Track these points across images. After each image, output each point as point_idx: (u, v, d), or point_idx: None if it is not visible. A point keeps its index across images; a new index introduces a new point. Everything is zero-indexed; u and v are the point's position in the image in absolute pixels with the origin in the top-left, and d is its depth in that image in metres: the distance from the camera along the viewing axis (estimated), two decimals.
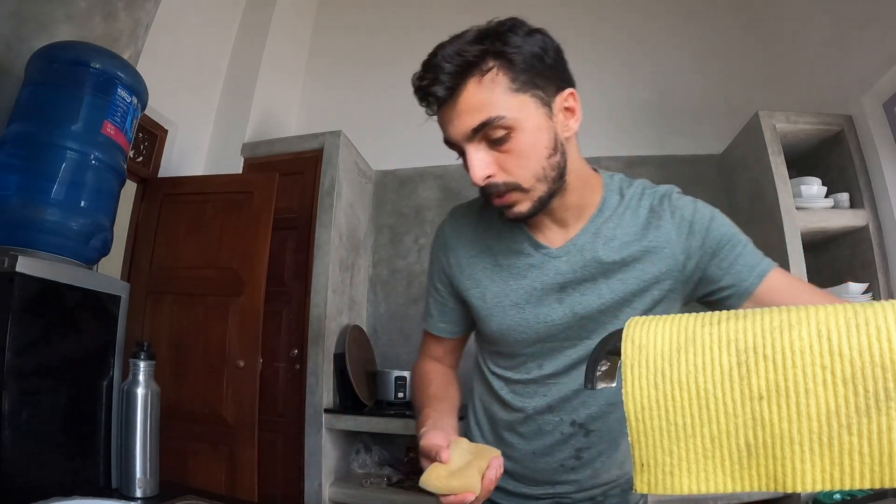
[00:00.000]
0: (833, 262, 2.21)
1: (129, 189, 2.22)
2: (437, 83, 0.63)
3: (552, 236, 0.75)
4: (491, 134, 0.63)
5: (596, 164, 0.79)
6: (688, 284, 0.73)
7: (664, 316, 0.46)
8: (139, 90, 1.38)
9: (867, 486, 0.36)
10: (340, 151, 2.40)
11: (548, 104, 0.66)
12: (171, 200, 2.24)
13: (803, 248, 1.97)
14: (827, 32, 2.19)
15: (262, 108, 2.75)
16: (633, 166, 2.61)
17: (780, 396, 0.39)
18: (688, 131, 2.63)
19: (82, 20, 1.49)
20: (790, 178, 2.03)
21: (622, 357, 0.44)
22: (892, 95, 1.90)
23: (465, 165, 0.67)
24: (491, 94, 0.63)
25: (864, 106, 2.00)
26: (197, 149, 2.58)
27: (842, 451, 0.37)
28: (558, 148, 0.67)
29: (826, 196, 2.04)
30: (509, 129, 0.63)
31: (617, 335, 0.46)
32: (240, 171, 2.57)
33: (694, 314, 0.45)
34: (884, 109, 1.95)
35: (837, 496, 1.64)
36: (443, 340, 0.87)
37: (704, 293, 0.73)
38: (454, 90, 0.63)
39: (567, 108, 0.68)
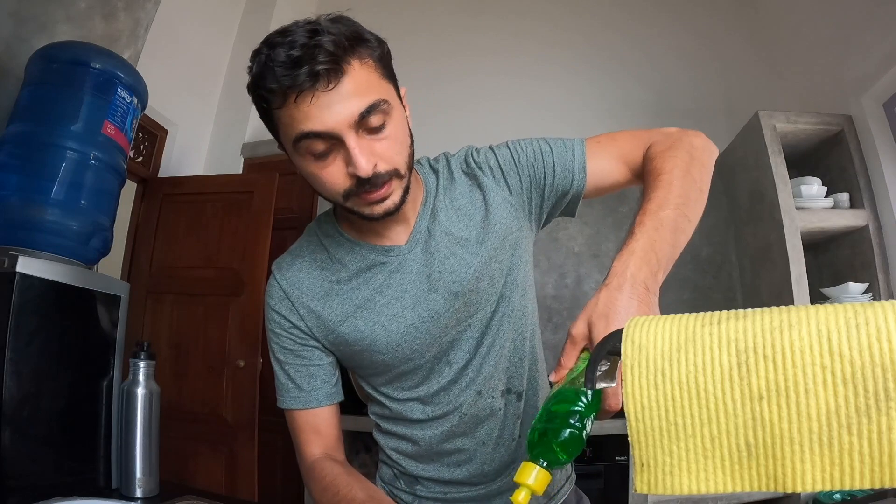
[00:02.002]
0: (833, 262, 2.21)
1: (129, 189, 2.22)
2: (316, 60, 0.54)
3: (394, 236, 0.72)
4: (371, 121, 0.58)
5: None
6: (532, 215, 0.75)
7: (664, 316, 0.46)
8: (139, 90, 1.38)
9: (867, 486, 0.36)
10: None
11: (398, 94, 0.65)
12: (171, 200, 2.24)
13: (803, 248, 1.97)
14: (827, 32, 2.19)
15: None
16: None
17: (780, 396, 0.39)
18: None
19: (82, 20, 1.49)
20: (790, 178, 2.03)
21: (622, 357, 0.44)
22: (892, 95, 1.90)
23: (307, 169, 0.61)
24: (370, 77, 0.59)
25: (864, 106, 2.00)
26: (197, 149, 2.58)
27: (842, 451, 0.37)
28: (412, 137, 0.67)
29: (826, 196, 2.04)
30: (387, 116, 0.60)
31: (617, 335, 0.46)
32: (240, 171, 2.57)
33: (694, 314, 0.44)
34: (884, 109, 1.95)
35: (837, 496, 1.64)
36: (321, 413, 0.74)
37: (550, 211, 0.75)
38: (339, 69, 0.56)
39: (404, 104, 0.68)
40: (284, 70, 0.55)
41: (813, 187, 2.03)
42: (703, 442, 0.41)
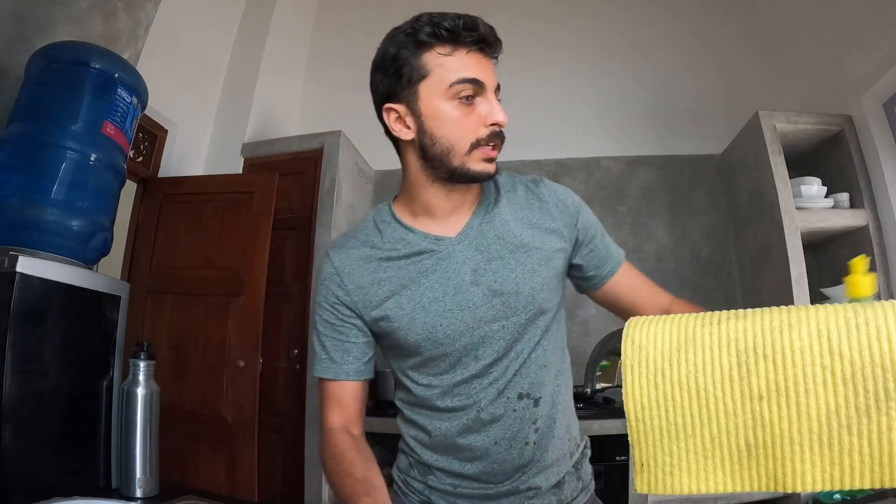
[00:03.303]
0: (833, 262, 2.21)
1: (129, 189, 2.22)
2: (487, 32, 0.71)
3: (447, 228, 0.78)
4: (498, 94, 0.74)
5: (596, 164, 0.80)
6: (570, 256, 0.82)
7: (664, 316, 0.46)
8: (139, 90, 1.38)
9: (867, 486, 0.36)
10: (340, 151, 2.40)
11: None
12: (171, 200, 2.24)
13: (803, 248, 1.97)
14: (827, 32, 2.19)
15: (262, 108, 2.75)
16: (633, 166, 2.61)
17: (780, 396, 0.39)
18: (688, 131, 2.63)
19: (82, 20, 1.49)
20: (790, 178, 2.03)
21: (622, 357, 0.44)
22: (892, 95, 1.90)
23: (452, 112, 0.72)
24: None
25: (864, 106, 2.00)
26: (197, 149, 2.57)
27: (842, 451, 0.37)
28: None
29: (826, 196, 2.04)
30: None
31: (617, 335, 0.46)
32: (240, 171, 2.57)
33: (694, 314, 0.45)
34: (884, 109, 1.96)
35: (837, 496, 1.64)
36: (347, 387, 0.80)
37: (569, 268, 0.83)
38: (493, 51, 0.73)
39: None
40: (463, 27, 0.70)
41: (813, 187, 2.03)
42: (703, 442, 0.41)
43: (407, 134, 0.74)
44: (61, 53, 1.27)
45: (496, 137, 0.73)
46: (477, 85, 0.71)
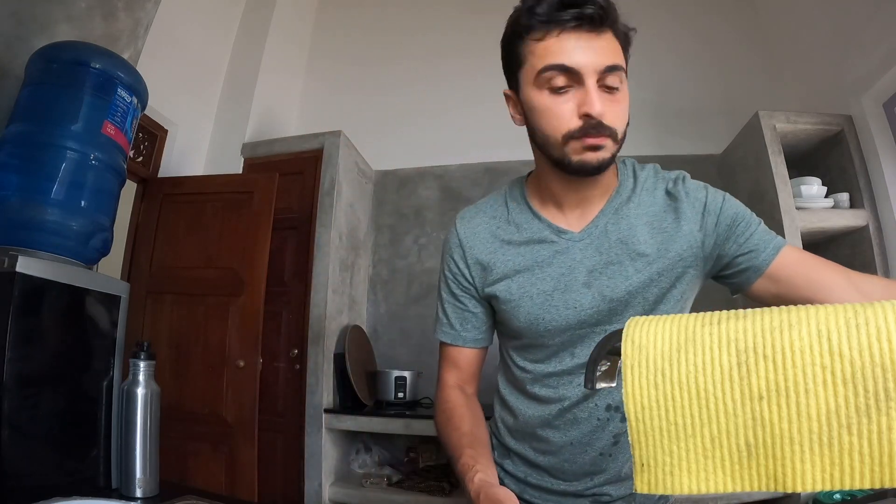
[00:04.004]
0: (833, 262, 2.21)
1: (129, 189, 2.22)
2: (587, 5, 0.63)
3: (571, 220, 0.76)
4: (609, 80, 0.65)
5: None
6: (707, 262, 0.74)
7: (664, 316, 0.46)
8: (139, 90, 1.38)
9: (867, 486, 0.36)
10: (340, 151, 2.40)
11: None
12: (171, 200, 2.24)
13: (803, 247, 1.97)
14: (827, 32, 2.19)
15: (262, 108, 2.75)
16: None
17: (780, 396, 0.39)
18: (688, 131, 2.63)
19: (82, 20, 1.49)
20: (790, 178, 2.03)
21: (622, 357, 0.44)
22: (892, 95, 1.90)
23: (541, 103, 0.67)
24: (617, 48, 0.66)
25: (864, 106, 2.00)
26: (197, 149, 2.58)
27: (842, 451, 0.37)
28: (628, 121, 0.71)
29: (826, 196, 2.04)
30: (621, 84, 0.66)
31: (617, 335, 0.46)
32: (240, 171, 2.57)
33: (694, 314, 0.45)
34: (884, 109, 1.96)
35: (837, 496, 1.64)
36: (464, 352, 0.83)
37: (721, 269, 0.74)
38: (604, 21, 0.64)
39: None
40: (557, 6, 0.63)
41: (813, 187, 2.03)
42: (703, 442, 0.41)
43: (520, 121, 0.73)
44: (61, 53, 1.27)
45: (592, 129, 0.65)
46: (567, 72, 0.64)
